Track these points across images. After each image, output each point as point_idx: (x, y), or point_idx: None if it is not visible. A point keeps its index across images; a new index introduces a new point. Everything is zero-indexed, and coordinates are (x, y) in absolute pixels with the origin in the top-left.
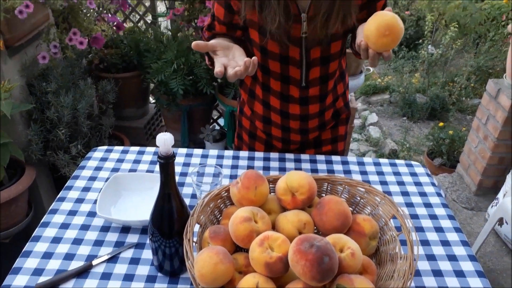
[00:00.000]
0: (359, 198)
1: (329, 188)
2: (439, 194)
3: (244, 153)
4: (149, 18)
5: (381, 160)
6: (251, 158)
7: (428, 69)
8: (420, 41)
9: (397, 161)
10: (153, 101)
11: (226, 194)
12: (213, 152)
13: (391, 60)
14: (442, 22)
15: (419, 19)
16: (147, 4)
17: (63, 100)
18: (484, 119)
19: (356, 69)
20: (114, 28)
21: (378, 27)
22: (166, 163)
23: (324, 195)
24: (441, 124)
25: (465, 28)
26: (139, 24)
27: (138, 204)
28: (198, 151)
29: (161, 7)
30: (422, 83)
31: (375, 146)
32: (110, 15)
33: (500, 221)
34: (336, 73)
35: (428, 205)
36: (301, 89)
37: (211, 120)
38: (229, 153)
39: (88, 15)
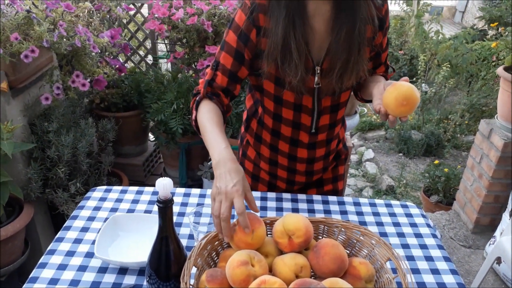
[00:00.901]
0: (355, 241)
1: (325, 230)
2: (434, 235)
3: None
4: (150, 59)
5: (377, 201)
6: None
7: (422, 107)
8: (414, 79)
9: (393, 202)
10: (152, 138)
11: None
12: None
13: None
14: (435, 62)
15: (412, 58)
16: (149, 46)
17: (64, 139)
18: (478, 158)
19: (351, 110)
20: (116, 70)
21: (396, 97)
22: (164, 207)
23: (321, 237)
24: (436, 162)
25: (457, 67)
26: (140, 65)
27: (136, 245)
28: (196, 191)
29: (161, 47)
30: (417, 120)
31: (372, 181)
32: (112, 58)
33: (498, 260)
34: (341, 119)
35: (423, 246)
36: (310, 135)
37: (209, 157)
38: None
39: (91, 58)
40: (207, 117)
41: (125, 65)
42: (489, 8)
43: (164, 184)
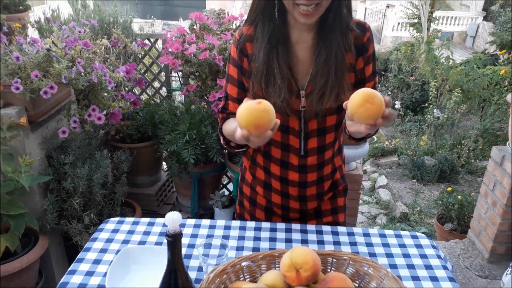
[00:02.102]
0: (363, 274)
1: (334, 263)
2: (445, 267)
3: (250, 224)
4: (164, 90)
5: (387, 232)
6: (257, 229)
7: (435, 132)
8: (426, 104)
9: (403, 233)
10: (166, 167)
11: (231, 269)
12: (221, 222)
13: (398, 123)
14: (446, 87)
15: (423, 83)
16: (163, 78)
17: (79, 171)
18: (492, 185)
19: None
20: (131, 104)
21: (360, 96)
22: (173, 241)
23: (329, 270)
24: (449, 189)
25: (469, 92)
26: (154, 97)
27: (147, 277)
28: (206, 222)
29: (175, 79)
30: (430, 146)
31: (386, 208)
32: (127, 92)
33: None
34: (334, 145)
35: (434, 278)
36: (300, 158)
37: (221, 186)
38: (236, 223)
39: (107, 92)
40: (230, 125)
41: (140, 97)
42: (499, 33)
43: (173, 219)
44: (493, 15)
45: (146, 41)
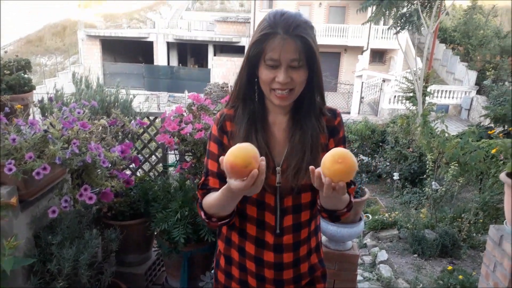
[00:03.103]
0: None
1: None
2: None
3: None
4: (160, 165)
5: None
6: None
7: (434, 205)
8: (424, 176)
9: None
10: (156, 246)
11: None
12: None
13: (398, 195)
14: (443, 160)
15: (421, 155)
16: (160, 155)
17: (66, 252)
18: (492, 266)
19: (355, 217)
20: (123, 183)
21: (332, 155)
22: None
23: None
24: (449, 268)
25: (465, 165)
26: (150, 172)
27: None
28: None
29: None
30: (430, 218)
31: (387, 286)
32: (120, 171)
33: None
34: (310, 224)
35: None
36: (275, 236)
37: (212, 264)
38: None
39: (100, 172)
40: (213, 195)
41: (137, 173)
42: (493, 107)
43: None
44: (485, 89)
45: (145, 120)
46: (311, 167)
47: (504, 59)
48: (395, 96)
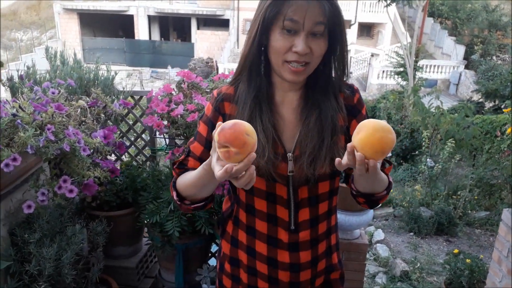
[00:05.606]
0: None
1: None
2: None
3: None
4: (147, 150)
5: None
6: None
7: (429, 183)
8: (417, 152)
9: None
10: (147, 237)
11: None
12: None
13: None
14: (438, 136)
15: (413, 131)
16: (147, 138)
17: (46, 251)
18: (505, 251)
19: None
20: (108, 172)
21: (372, 126)
22: None
23: None
24: (456, 251)
25: (460, 142)
26: (137, 158)
27: None
28: None
29: (160, 138)
30: (424, 196)
31: (385, 266)
32: (104, 159)
33: None
34: (329, 218)
35: None
36: (290, 233)
37: (209, 254)
38: None
39: (82, 160)
40: (189, 175)
41: (122, 158)
42: (484, 82)
43: None
44: (474, 63)
45: (130, 99)
46: (348, 144)
47: (492, 33)
48: (384, 71)
